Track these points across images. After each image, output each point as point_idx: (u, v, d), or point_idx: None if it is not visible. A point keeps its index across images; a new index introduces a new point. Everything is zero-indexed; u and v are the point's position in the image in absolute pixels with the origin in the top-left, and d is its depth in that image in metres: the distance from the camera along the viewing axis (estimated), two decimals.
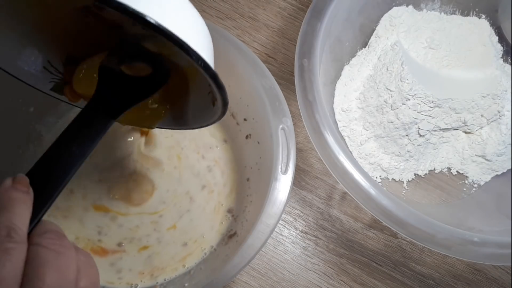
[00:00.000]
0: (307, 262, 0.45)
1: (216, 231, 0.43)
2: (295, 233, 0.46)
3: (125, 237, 0.42)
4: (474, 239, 0.34)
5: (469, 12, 0.50)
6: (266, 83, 0.38)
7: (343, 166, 0.35)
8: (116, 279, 0.40)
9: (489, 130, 0.46)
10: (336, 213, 0.47)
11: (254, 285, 0.44)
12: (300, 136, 0.49)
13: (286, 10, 0.54)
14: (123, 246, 0.42)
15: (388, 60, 0.45)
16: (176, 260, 0.42)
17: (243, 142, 0.44)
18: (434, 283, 0.46)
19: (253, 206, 0.40)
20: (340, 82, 0.48)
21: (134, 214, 0.43)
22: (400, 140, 0.45)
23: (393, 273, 0.46)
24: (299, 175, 0.48)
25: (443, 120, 0.45)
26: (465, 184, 0.48)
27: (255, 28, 0.53)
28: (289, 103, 0.39)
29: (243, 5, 0.54)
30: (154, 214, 0.43)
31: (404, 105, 0.43)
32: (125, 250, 0.42)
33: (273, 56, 0.52)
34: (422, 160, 0.48)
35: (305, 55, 0.39)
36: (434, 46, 0.47)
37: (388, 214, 0.34)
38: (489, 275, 0.46)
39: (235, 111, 0.44)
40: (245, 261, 0.33)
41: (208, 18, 0.53)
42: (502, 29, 0.50)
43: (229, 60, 0.40)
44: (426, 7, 0.50)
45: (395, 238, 0.47)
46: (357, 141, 0.47)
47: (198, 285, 0.36)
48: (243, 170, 0.44)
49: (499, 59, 0.49)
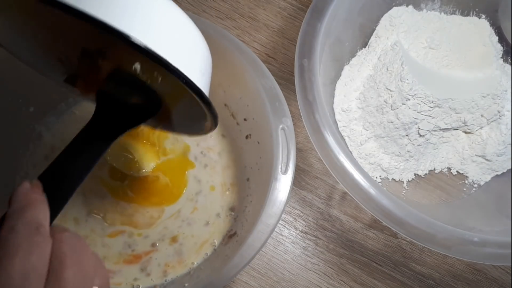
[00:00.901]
0: (307, 262, 0.45)
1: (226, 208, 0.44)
2: (295, 233, 0.46)
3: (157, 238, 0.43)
4: (474, 239, 0.34)
5: (469, 12, 0.50)
6: (266, 83, 0.38)
7: (343, 166, 0.35)
8: (144, 276, 0.41)
9: (489, 130, 0.46)
10: (336, 213, 0.47)
11: (254, 285, 0.44)
12: (300, 136, 0.49)
13: (286, 10, 0.54)
14: (156, 246, 0.42)
15: (388, 60, 0.45)
16: (198, 244, 0.42)
17: (243, 142, 0.44)
18: (434, 283, 0.46)
19: (253, 206, 0.40)
20: (340, 82, 0.48)
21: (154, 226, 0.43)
22: (400, 140, 0.45)
23: (393, 273, 0.46)
24: (299, 175, 0.48)
25: (443, 120, 0.45)
26: (465, 184, 0.48)
27: (255, 28, 0.53)
28: (289, 103, 0.39)
29: (243, 5, 0.54)
30: (174, 214, 0.44)
31: (404, 105, 0.43)
32: (158, 249, 0.42)
33: (273, 56, 0.52)
34: (422, 160, 0.48)
35: (305, 55, 0.39)
36: (434, 46, 0.47)
37: (388, 214, 0.34)
38: (489, 275, 0.46)
39: (235, 111, 0.44)
40: (245, 261, 0.33)
41: (208, 18, 0.53)
42: (502, 29, 0.50)
43: (229, 60, 0.40)
44: (426, 7, 0.50)
45: (395, 238, 0.47)
46: (357, 141, 0.47)
47: (198, 285, 0.37)
48: (243, 170, 0.44)
49: (499, 59, 0.49)
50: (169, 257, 0.42)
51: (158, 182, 0.44)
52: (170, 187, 0.45)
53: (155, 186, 0.44)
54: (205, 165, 0.45)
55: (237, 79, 0.41)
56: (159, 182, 0.44)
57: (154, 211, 0.43)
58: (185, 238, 0.43)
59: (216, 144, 0.46)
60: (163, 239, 0.42)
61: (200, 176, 0.45)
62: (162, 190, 0.44)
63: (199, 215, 0.44)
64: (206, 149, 0.46)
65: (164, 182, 0.45)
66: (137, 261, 0.42)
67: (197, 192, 0.44)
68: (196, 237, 0.43)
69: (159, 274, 0.41)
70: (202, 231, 0.43)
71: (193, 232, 0.43)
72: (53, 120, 0.45)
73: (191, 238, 0.43)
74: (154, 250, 0.42)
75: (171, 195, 0.44)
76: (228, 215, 0.43)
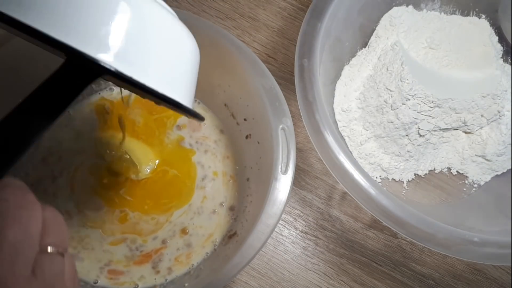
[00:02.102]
0: (307, 262, 0.45)
1: (231, 195, 0.44)
2: (295, 233, 0.46)
3: (168, 236, 0.42)
4: (474, 239, 0.34)
5: (469, 12, 0.50)
6: (266, 83, 0.38)
7: (343, 166, 0.35)
8: (154, 273, 0.41)
9: (489, 130, 0.46)
10: (336, 213, 0.47)
11: (254, 285, 0.44)
12: (300, 136, 0.49)
13: (286, 10, 0.54)
14: (167, 243, 0.42)
15: (388, 60, 0.45)
16: (206, 236, 0.42)
17: (243, 142, 0.44)
18: (434, 283, 0.46)
19: (253, 206, 0.40)
20: (340, 82, 0.48)
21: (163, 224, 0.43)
22: (400, 140, 0.45)
23: (393, 273, 0.46)
24: (299, 175, 0.48)
25: (443, 120, 0.45)
26: (465, 184, 0.48)
27: (255, 28, 0.53)
28: (289, 103, 0.39)
29: (243, 5, 0.54)
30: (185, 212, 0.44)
31: (404, 105, 0.43)
32: (167, 246, 0.42)
33: (273, 56, 0.52)
34: (422, 160, 0.48)
35: (305, 55, 0.39)
36: (434, 46, 0.47)
37: (388, 214, 0.34)
38: (489, 275, 0.46)
39: (235, 111, 0.44)
40: (245, 261, 0.33)
41: (208, 18, 0.53)
42: (502, 29, 0.50)
43: (229, 60, 0.40)
44: (426, 7, 0.50)
45: (395, 238, 0.47)
46: (357, 141, 0.47)
47: (198, 285, 0.37)
48: (243, 170, 0.44)
49: (499, 59, 0.49)
50: (179, 250, 0.42)
51: (168, 176, 0.44)
52: (181, 178, 0.44)
53: (165, 181, 0.44)
54: (205, 150, 0.45)
55: (237, 79, 0.41)
56: (168, 175, 0.44)
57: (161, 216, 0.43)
58: (195, 228, 0.42)
59: (211, 133, 0.46)
60: (174, 234, 0.42)
61: (203, 161, 0.45)
62: (174, 183, 0.44)
63: (208, 203, 0.43)
64: (201, 138, 0.46)
65: (173, 174, 0.44)
66: (147, 260, 0.41)
67: (203, 177, 0.44)
68: (204, 228, 0.43)
69: (166, 272, 0.41)
70: (209, 221, 0.43)
71: (202, 222, 0.43)
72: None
73: (200, 229, 0.43)
74: (165, 247, 0.42)
75: (184, 186, 0.44)
76: (227, 214, 0.43)
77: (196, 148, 0.45)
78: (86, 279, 0.40)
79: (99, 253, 0.41)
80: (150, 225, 0.42)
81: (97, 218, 0.42)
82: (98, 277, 0.40)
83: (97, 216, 0.42)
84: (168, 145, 0.45)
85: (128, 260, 0.41)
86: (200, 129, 0.46)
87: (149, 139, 0.45)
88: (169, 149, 0.45)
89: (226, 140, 0.46)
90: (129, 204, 0.43)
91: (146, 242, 0.42)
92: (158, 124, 0.46)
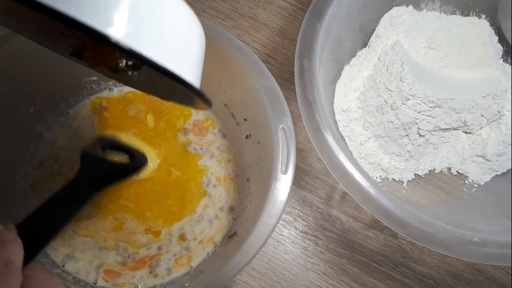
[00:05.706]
0: (307, 262, 0.45)
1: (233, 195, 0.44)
2: (295, 233, 0.46)
3: (164, 244, 0.42)
4: (474, 239, 0.34)
5: (469, 12, 0.50)
6: (266, 83, 0.38)
7: (343, 166, 0.35)
8: (152, 277, 0.41)
9: (489, 130, 0.46)
10: (336, 213, 0.47)
11: (254, 285, 0.44)
12: (300, 136, 0.49)
13: (286, 10, 0.54)
14: (162, 249, 0.42)
15: (388, 60, 0.45)
16: (207, 238, 0.42)
17: (243, 142, 0.44)
18: (434, 283, 0.46)
19: (253, 206, 0.40)
20: (340, 82, 0.48)
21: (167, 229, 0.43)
22: (400, 140, 0.45)
23: (393, 273, 0.46)
24: (299, 175, 0.48)
25: (443, 120, 0.45)
26: (465, 184, 0.48)
27: (255, 28, 0.53)
28: (289, 103, 0.39)
29: (243, 5, 0.54)
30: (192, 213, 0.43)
31: (404, 105, 0.43)
32: (163, 253, 0.42)
33: (273, 56, 0.52)
34: (422, 160, 0.48)
35: (305, 55, 0.39)
36: (434, 46, 0.47)
37: (388, 214, 0.34)
38: (489, 275, 0.46)
39: (235, 111, 0.44)
40: (245, 261, 0.33)
41: (208, 18, 0.53)
42: (502, 29, 0.50)
43: (229, 60, 0.40)
44: (426, 7, 0.50)
45: (395, 238, 0.47)
46: (357, 141, 0.47)
47: (198, 285, 0.37)
48: (243, 170, 0.44)
49: (499, 59, 0.49)
50: (176, 255, 0.41)
51: (171, 176, 0.43)
52: (186, 180, 0.44)
53: (169, 182, 0.43)
54: (211, 156, 0.45)
55: (237, 79, 0.41)
56: (172, 176, 0.44)
57: (159, 227, 0.42)
58: (194, 235, 0.42)
59: (216, 139, 0.46)
60: (170, 243, 0.42)
61: (207, 166, 0.45)
62: (178, 185, 0.43)
63: (210, 210, 0.43)
64: (205, 144, 0.46)
65: (177, 176, 0.44)
66: (143, 266, 0.41)
67: (207, 183, 0.44)
68: (205, 234, 0.42)
69: (165, 273, 0.41)
70: (210, 227, 0.43)
71: (203, 228, 0.43)
72: (53, 120, 0.45)
73: (200, 234, 0.42)
74: (160, 254, 0.41)
75: (189, 189, 0.43)
76: (228, 215, 0.43)
77: (202, 153, 0.45)
78: (86, 279, 0.40)
79: (90, 257, 0.41)
80: (145, 238, 0.42)
81: (90, 225, 0.42)
82: (96, 278, 0.40)
83: (90, 223, 0.42)
84: (176, 148, 0.45)
85: (121, 266, 0.41)
86: (206, 133, 0.46)
87: (158, 139, 0.45)
88: (176, 152, 0.45)
89: (228, 144, 0.46)
90: (130, 210, 0.43)
91: (138, 251, 0.41)
92: (169, 125, 0.46)
